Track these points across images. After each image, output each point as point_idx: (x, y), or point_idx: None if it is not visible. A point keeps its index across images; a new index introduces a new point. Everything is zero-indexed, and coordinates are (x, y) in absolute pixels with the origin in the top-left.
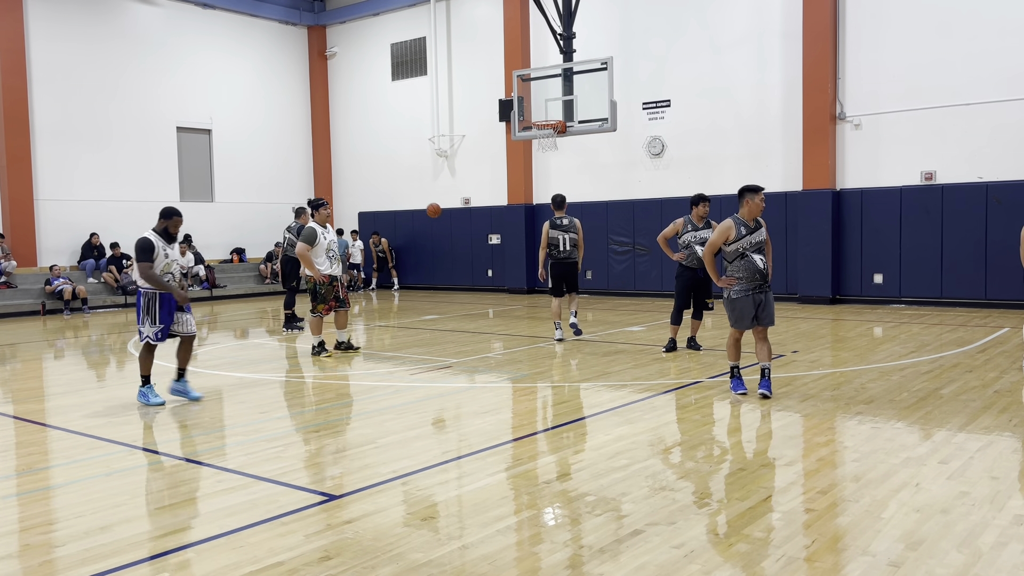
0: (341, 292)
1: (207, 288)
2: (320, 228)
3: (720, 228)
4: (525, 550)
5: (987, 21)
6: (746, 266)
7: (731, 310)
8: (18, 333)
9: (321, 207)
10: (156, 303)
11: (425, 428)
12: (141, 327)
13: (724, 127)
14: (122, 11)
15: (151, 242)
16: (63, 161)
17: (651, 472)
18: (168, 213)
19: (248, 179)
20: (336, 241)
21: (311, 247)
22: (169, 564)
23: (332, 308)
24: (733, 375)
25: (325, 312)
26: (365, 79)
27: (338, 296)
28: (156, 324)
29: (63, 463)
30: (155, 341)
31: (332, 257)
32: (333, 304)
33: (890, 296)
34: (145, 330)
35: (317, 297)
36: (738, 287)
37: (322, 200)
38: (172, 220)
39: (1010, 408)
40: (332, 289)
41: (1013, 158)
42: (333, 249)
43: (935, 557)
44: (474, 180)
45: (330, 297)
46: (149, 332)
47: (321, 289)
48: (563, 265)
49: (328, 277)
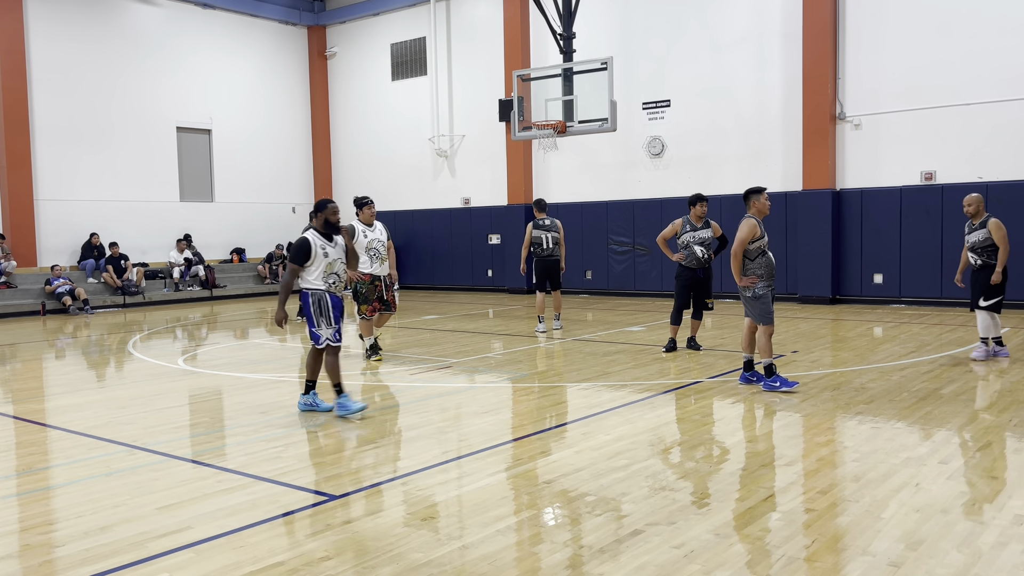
0: (386, 293)
1: (207, 288)
2: (362, 226)
3: (748, 226)
4: (525, 550)
5: (987, 20)
6: (767, 263)
7: (760, 307)
8: (18, 333)
9: (365, 205)
10: (328, 303)
11: (425, 428)
12: (316, 330)
13: (724, 127)
14: (122, 11)
15: (308, 243)
16: (63, 161)
17: (651, 472)
18: (320, 205)
19: (248, 179)
20: (381, 240)
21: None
22: (169, 564)
23: (377, 309)
24: (772, 372)
25: (370, 313)
26: (365, 79)
27: (382, 297)
28: (332, 324)
29: (63, 463)
30: (336, 343)
31: (374, 256)
32: (378, 305)
33: (890, 296)
34: (323, 333)
35: (359, 297)
36: (761, 284)
37: (367, 198)
38: (327, 209)
39: (1010, 408)
40: (374, 289)
41: (1013, 158)
42: (376, 248)
43: (935, 557)
44: (474, 180)
45: (372, 297)
46: (328, 334)
47: (362, 289)
48: (546, 262)
49: (369, 276)
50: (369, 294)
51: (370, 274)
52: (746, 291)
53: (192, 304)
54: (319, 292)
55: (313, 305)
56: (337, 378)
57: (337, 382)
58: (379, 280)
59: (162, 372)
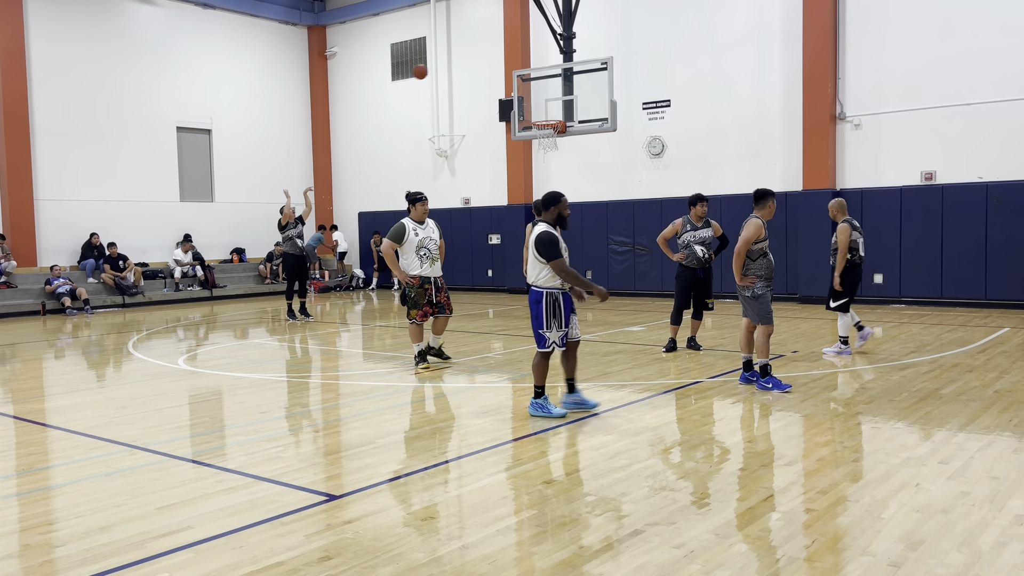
0: (437, 296)
1: (207, 288)
2: (412, 223)
3: (754, 226)
4: (525, 550)
5: (987, 20)
6: (768, 264)
7: (759, 307)
8: (18, 333)
9: (419, 201)
10: (562, 304)
11: (425, 428)
12: (545, 332)
13: (724, 127)
14: (122, 11)
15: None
16: (63, 161)
17: (651, 472)
18: (554, 198)
19: (248, 179)
20: (433, 239)
21: (398, 244)
22: (169, 564)
23: (429, 314)
24: (767, 373)
25: (420, 319)
26: (365, 79)
27: (432, 300)
28: (562, 327)
29: (63, 463)
30: (561, 346)
31: (425, 256)
32: (428, 310)
33: (890, 296)
34: (552, 335)
35: (408, 302)
36: (760, 284)
37: (420, 194)
38: (560, 203)
39: (1010, 408)
40: (424, 292)
41: (1013, 158)
42: (427, 247)
43: (935, 557)
44: (474, 180)
45: (423, 301)
46: (556, 337)
47: (411, 292)
48: None
49: (418, 279)
50: (419, 298)
51: (419, 276)
52: (745, 291)
53: (192, 304)
54: (555, 292)
55: (548, 305)
56: (543, 380)
57: (543, 384)
58: (429, 283)
59: (162, 372)
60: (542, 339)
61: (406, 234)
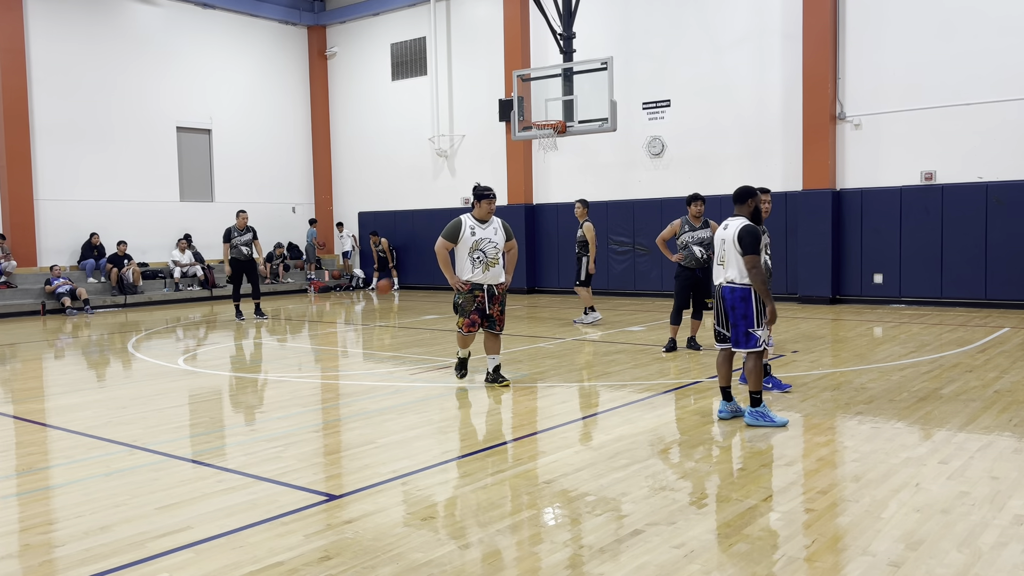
0: (489, 307)
1: (206, 288)
2: (471, 221)
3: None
4: (525, 550)
5: (987, 20)
6: (765, 265)
7: None
8: (18, 333)
9: (485, 198)
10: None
11: (425, 428)
12: (756, 331)
13: (724, 127)
14: (122, 11)
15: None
16: (63, 161)
17: (651, 472)
18: (750, 192)
19: (248, 179)
20: (493, 241)
21: (452, 243)
22: (169, 564)
23: (478, 324)
24: (767, 373)
25: (467, 328)
26: (365, 79)
27: (481, 310)
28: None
29: (63, 463)
30: (770, 346)
31: (478, 260)
32: (476, 319)
33: (890, 296)
34: (763, 334)
35: (456, 309)
36: None
37: (489, 191)
38: (758, 196)
39: (1010, 408)
40: (473, 300)
41: (1013, 158)
42: (483, 250)
43: (935, 557)
44: (474, 180)
45: (470, 309)
46: (765, 336)
47: (459, 299)
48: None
49: (468, 285)
50: (467, 305)
51: (470, 282)
52: None
53: (192, 304)
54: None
55: (757, 303)
56: (759, 387)
57: (759, 389)
58: (480, 290)
59: (162, 372)
60: (753, 339)
61: (461, 232)
